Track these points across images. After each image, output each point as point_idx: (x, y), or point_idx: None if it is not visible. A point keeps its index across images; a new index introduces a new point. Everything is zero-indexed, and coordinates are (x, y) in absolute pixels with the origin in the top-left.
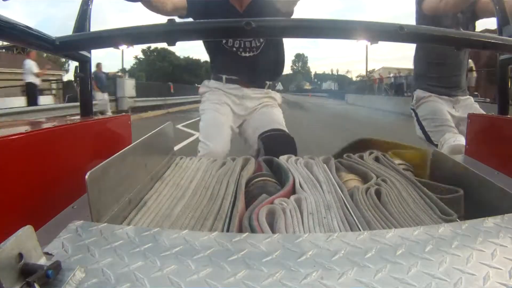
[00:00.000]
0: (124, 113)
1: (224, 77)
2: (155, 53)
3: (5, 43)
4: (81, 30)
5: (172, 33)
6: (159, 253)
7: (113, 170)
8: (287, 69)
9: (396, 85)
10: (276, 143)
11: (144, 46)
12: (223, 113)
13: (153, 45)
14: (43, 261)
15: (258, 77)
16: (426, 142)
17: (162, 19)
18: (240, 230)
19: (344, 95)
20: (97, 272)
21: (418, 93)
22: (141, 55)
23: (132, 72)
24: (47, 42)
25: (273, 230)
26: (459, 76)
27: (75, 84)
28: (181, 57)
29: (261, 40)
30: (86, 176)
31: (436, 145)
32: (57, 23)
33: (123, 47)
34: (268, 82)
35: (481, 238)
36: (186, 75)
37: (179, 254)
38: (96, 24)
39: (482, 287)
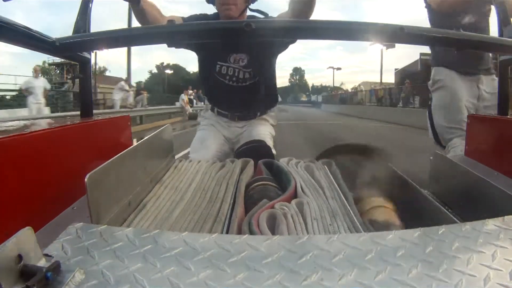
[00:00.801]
0: (124, 115)
1: (216, 109)
2: (168, 69)
3: (56, 60)
4: (81, 31)
5: (172, 34)
6: (159, 255)
7: (113, 172)
8: (285, 82)
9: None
10: (250, 154)
11: (158, 62)
12: (211, 132)
13: (165, 61)
14: (42, 262)
15: (249, 109)
16: (435, 144)
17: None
18: (240, 233)
19: (321, 104)
20: (96, 274)
21: (435, 72)
22: (155, 70)
23: (147, 86)
24: (47, 43)
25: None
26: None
27: (73, 85)
28: (191, 72)
29: (252, 73)
30: (86, 178)
31: (444, 147)
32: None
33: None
34: (259, 113)
35: (482, 239)
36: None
37: (179, 256)
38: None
39: None
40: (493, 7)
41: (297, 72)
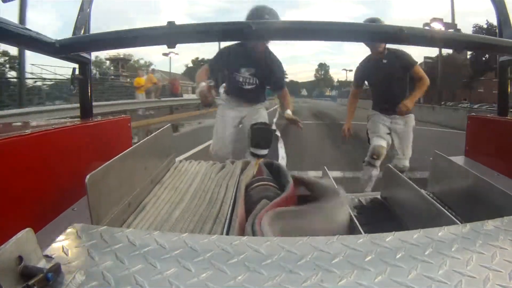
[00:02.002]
0: (124, 115)
1: (230, 96)
2: (201, 63)
3: (111, 54)
4: (81, 33)
5: (172, 36)
6: (159, 256)
7: (113, 173)
8: (310, 76)
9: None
10: (259, 130)
11: (193, 57)
12: (224, 117)
13: (200, 56)
14: (42, 263)
15: (255, 101)
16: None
17: (161, 22)
18: (241, 234)
19: (336, 98)
20: (97, 275)
21: (370, 111)
22: (190, 64)
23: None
24: (47, 44)
25: None
26: (394, 102)
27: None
28: None
29: (257, 81)
30: (86, 179)
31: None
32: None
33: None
34: (256, 103)
35: (481, 240)
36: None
37: (179, 257)
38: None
39: None
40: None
41: (322, 67)
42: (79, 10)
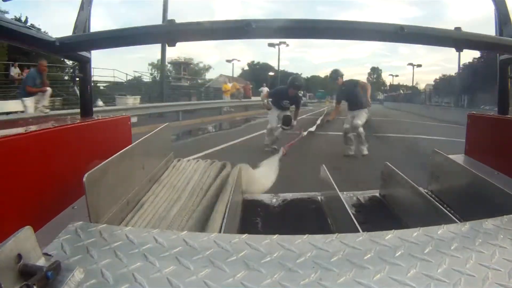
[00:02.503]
0: (124, 114)
1: (276, 107)
2: (257, 66)
3: (172, 58)
4: (81, 31)
5: (172, 34)
6: (158, 254)
7: (111, 172)
8: (364, 80)
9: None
10: (285, 117)
11: (249, 60)
12: (273, 114)
13: (256, 60)
14: (42, 262)
15: (286, 110)
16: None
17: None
18: (237, 232)
19: (383, 102)
20: (96, 273)
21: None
22: (246, 67)
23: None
24: (47, 42)
25: None
26: (357, 103)
27: (71, 85)
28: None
29: (288, 104)
30: (84, 178)
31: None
32: None
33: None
34: (287, 109)
35: (481, 239)
36: (281, 83)
37: (178, 255)
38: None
39: None
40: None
41: (375, 71)
42: (79, 8)
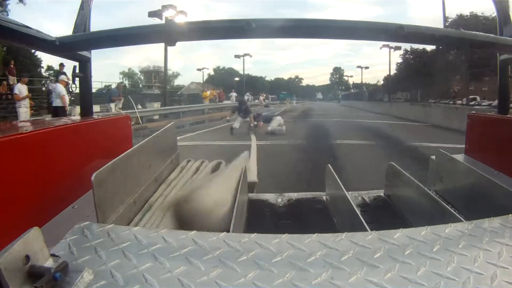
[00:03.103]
0: (124, 114)
1: (238, 114)
2: (222, 71)
3: (142, 66)
4: (81, 31)
5: (172, 33)
6: (168, 254)
7: (119, 171)
8: (326, 80)
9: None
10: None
11: (215, 65)
12: (237, 120)
13: (221, 65)
14: (50, 263)
15: (245, 116)
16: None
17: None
18: (244, 231)
19: (340, 100)
20: (105, 274)
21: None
22: (212, 73)
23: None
24: (46, 42)
25: None
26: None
27: (71, 84)
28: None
29: (242, 114)
30: (92, 177)
31: None
32: None
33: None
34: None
35: (487, 238)
36: (248, 88)
37: (188, 255)
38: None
39: (490, 286)
40: None
41: (337, 71)
42: (79, 8)
